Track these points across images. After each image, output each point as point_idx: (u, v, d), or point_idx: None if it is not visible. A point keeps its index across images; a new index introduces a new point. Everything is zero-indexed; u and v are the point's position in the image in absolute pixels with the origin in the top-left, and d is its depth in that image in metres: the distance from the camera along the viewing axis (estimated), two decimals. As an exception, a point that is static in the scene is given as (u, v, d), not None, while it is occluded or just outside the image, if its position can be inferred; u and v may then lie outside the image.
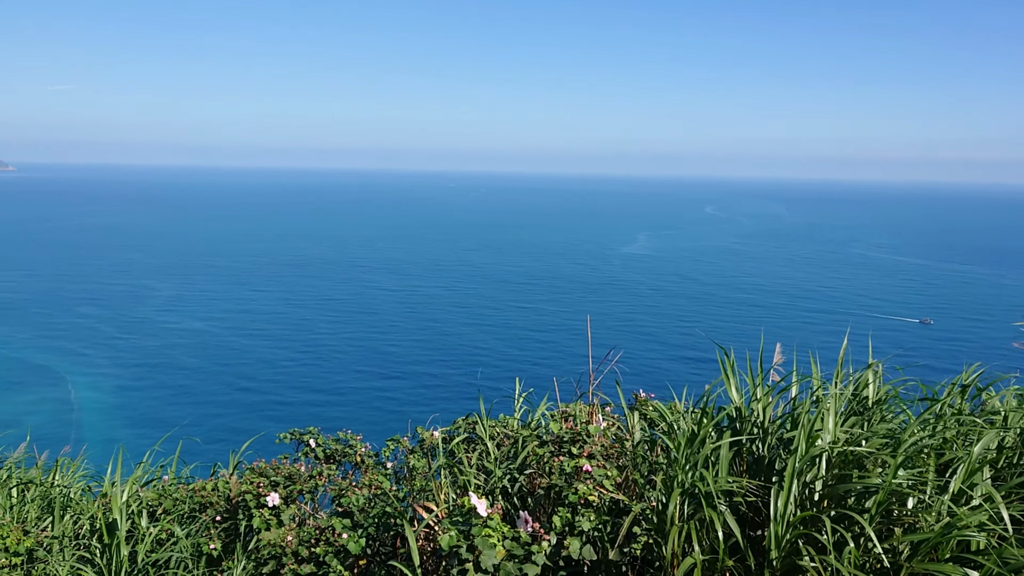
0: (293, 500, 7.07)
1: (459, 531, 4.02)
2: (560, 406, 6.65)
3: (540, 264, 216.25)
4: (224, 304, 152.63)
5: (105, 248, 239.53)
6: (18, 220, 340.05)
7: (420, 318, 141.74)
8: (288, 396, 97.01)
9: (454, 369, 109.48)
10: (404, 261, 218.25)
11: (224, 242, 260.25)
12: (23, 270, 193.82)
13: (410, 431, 8.45)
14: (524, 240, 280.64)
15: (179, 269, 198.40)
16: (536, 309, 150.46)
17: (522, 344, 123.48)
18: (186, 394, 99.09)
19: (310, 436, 8.53)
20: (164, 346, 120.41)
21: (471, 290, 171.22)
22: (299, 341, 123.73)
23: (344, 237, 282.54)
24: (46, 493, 7.66)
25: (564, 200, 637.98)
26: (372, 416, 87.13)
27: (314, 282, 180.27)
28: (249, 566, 6.24)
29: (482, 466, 6.25)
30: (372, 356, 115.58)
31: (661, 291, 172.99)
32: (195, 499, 7.01)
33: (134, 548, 6.22)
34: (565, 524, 4.36)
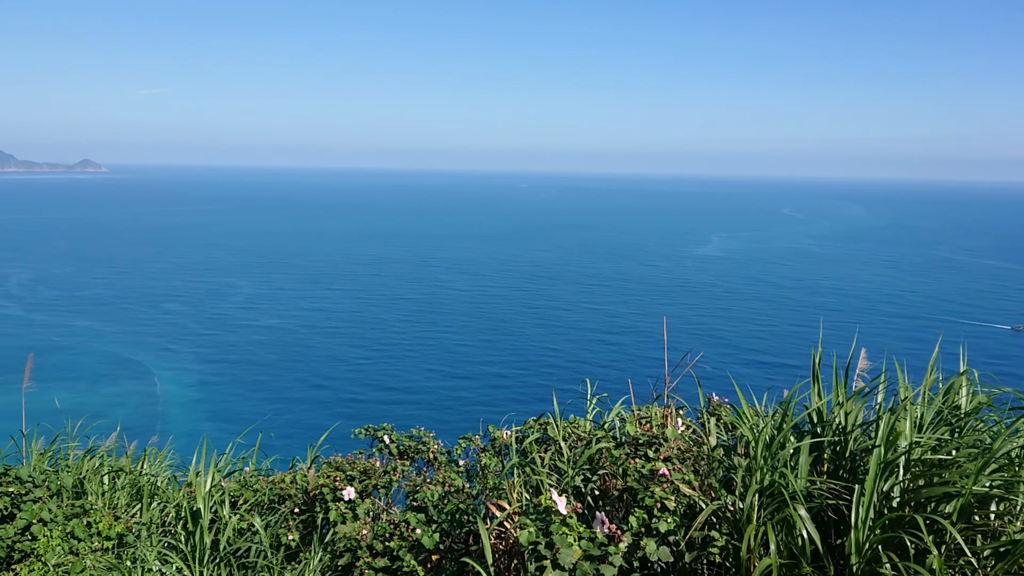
0: (368, 494, 7.18)
1: (538, 528, 4.02)
2: (634, 408, 6.58)
3: (611, 265, 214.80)
4: (300, 302, 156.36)
5: (190, 246, 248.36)
6: (110, 219, 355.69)
7: (489, 318, 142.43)
8: (360, 393, 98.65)
9: (522, 370, 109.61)
10: (475, 261, 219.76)
11: (301, 241, 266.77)
12: (114, 267, 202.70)
13: (481, 430, 8.49)
14: (595, 241, 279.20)
15: (259, 267, 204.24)
16: (606, 311, 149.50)
17: (591, 346, 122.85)
18: (263, 389, 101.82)
19: (384, 432, 8.65)
20: (243, 342, 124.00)
21: (540, 291, 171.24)
22: (371, 339, 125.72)
23: (416, 237, 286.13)
24: (135, 481, 7.95)
25: (636, 200, 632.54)
26: (441, 415, 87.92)
27: (386, 281, 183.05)
28: (325, 558, 6.36)
29: (555, 466, 6.24)
30: (442, 355, 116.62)
31: (735, 294, 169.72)
32: (274, 491, 7.19)
33: (216, 536, 6.41)
34: (641, 525, 4.32)
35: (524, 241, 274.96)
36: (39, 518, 5.93)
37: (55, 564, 5.42)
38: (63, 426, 8.24)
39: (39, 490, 6.36)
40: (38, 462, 7.62)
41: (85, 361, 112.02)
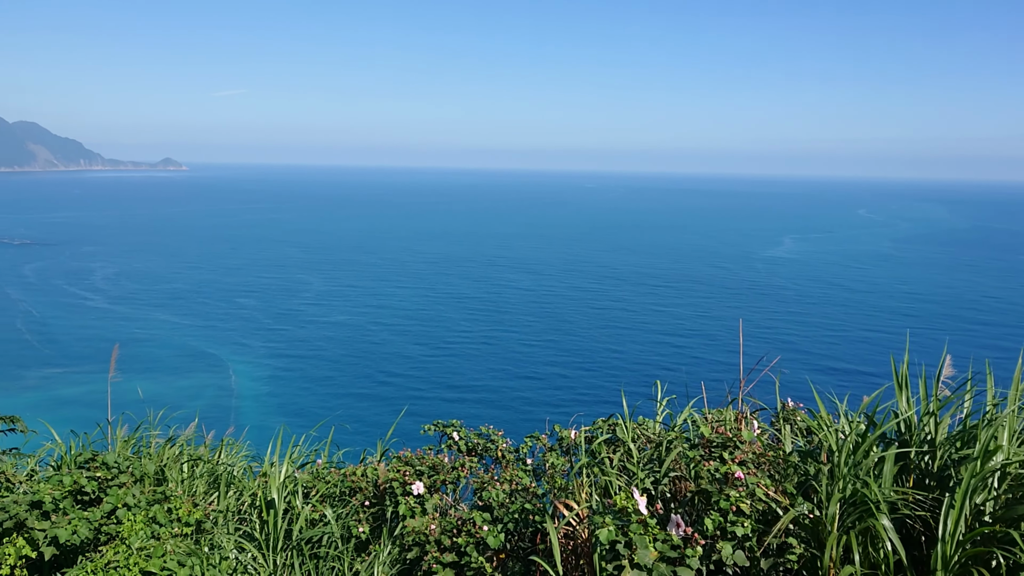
0: (436, 490, 7.24)
1: (617, 527, 3.99)
2: (704, 411, 6.48)
3: (678, 266, 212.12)
4: (368, 298, 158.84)
5: (264, 243, 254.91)
6: (189, 216, 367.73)
7: (554, 318, 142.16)
8: (424, 391, 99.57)
9: (585, 371, 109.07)
10: (541, 261, 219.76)
11: (372, 238, 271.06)
12: (191, 262, 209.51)
13: (548, 429, 8.47)
14: (662, 242, 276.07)
15: (330, 264, 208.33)
16: (672, 313, 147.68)
17: (656, 348, 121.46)
18: (330, 385, 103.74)
19: (453, 429, 8.71)
20: (313, 337, 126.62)
21: (606, 292, 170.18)
22: (436, 337, 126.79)
23: (483, 235, 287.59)
24: (212, 470, 8.18)
25: (705, 200, 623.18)
26: (503, 415, 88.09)
27: (453, 279, 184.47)
28: (394, 551, 6.44)
29: (624, 467, 6.19)
30: (506, 355, 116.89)
31: (807, 297, 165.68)
32: (345, 483, 7.31)
33: (289, 526, 6.56)
34: (717, 528, 4.25)
35: (590, 241, 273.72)
36: (124, 503, 6.15)
37: (138, 547, 5.61)
38: (145, 415, 8.53)
39: (124, 476, 6.60)
40: (122, 449, 7.90)
41: (164, 353, 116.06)
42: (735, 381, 6.55)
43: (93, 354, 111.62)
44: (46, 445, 7.89)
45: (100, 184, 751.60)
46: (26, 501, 5.79)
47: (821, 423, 5.06)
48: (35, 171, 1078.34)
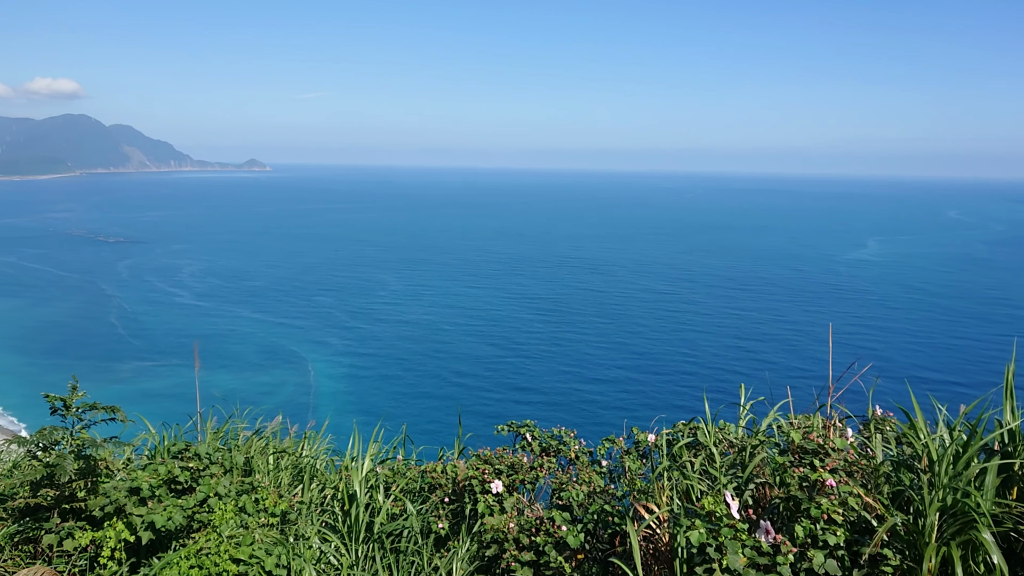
0: (514, 489, 7.27)
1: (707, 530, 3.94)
2: (791, 416, 6.33)
3: (756, 269, 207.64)
4: (443, 298, 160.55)
5: (343, 242, 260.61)
6: (272, 216, 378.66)
7: (626, 321, 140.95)
8: (494, 392, 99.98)
9: (656, 375, 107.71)
10: (613, 262, 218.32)
11: (447, 238, 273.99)
12: (274, 260, 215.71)
13: (625, 432, 8.41)
14: (741, 243, 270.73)
15: (405, 263, 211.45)
16: (749, 317, 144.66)
17: (731, 352, 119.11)
18: (405, 382, 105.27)
19: (527, 430, 8.73)
20: (388, 335, 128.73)
21: (680, 294, 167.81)
22: (507, 338, 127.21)
23: (555, 236, 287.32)
24: (296, 463, 8.41)
25: (786, 201, 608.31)
26: (572, 417, 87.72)
27: (526, 280, 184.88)
28: (472, 547, 6.50)
29: (705, 471, 6.10)
30: (576, 357, 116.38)
31: (891, 302, 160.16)
32: (425, 479, 7.42)
33: (371, 519, 6.69)
34: (807, 536, 4.15)
35: (666, 242, 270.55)
36: (215, 492, 6.38)
37: (228, 535, 5.81)
38: (228, 408, 8.80)
39: (215, 467, 6.84)
40: (212, 440, 8.18)
41: (246, 349, 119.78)
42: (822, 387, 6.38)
43: (180, 348, 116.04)
44: (141, 435, 8.22)
45: (189, 184, 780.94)
46: (125, 487, 6.06)
47: (917, 431, 4.88)
48: (129, 172, 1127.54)
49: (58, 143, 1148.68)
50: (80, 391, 6.25)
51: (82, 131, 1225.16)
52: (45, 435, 6.05)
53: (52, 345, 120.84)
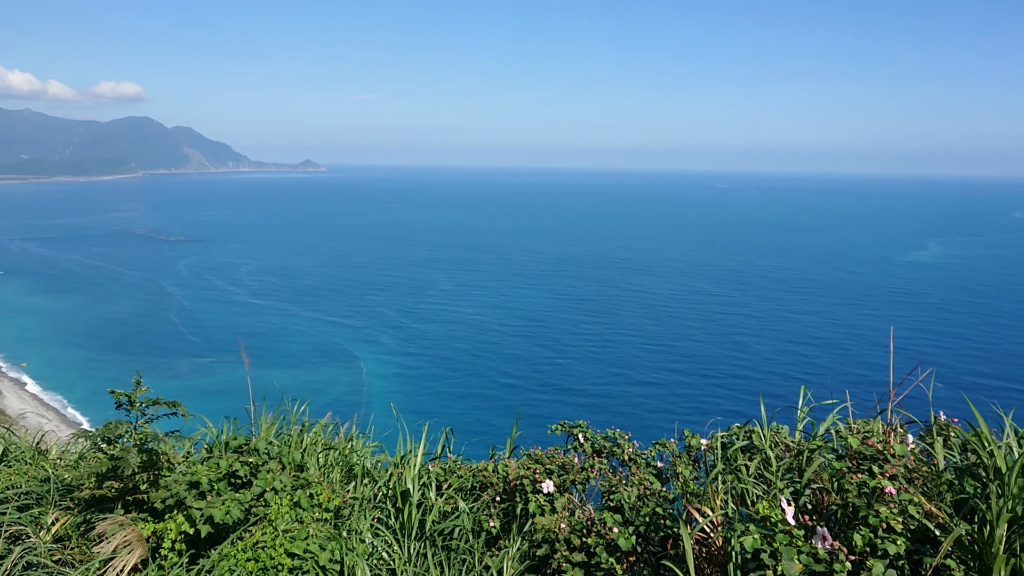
0: (565, 489, 7.26)
1: (761, 535, 3.88)
2: (850, 421, 6.19)
3: (810, 270, 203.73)
4: (491, 298, 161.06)
5: (395, 241, 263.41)
6: (326, 215, 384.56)
7: (676, 323, 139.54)
8: (542, 394, 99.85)
9: (705, 378, 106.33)
10: (664, 263, 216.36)
11: (499, 238, 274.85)
12: (328, 259, 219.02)
13: (676, 434, 8.33)
14: (795, 244, 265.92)
15: (455, 263, 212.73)
16: (802, 320, 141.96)
17: (784, 357, 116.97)
18: (455, 381, 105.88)
19: (579, 430, 8.70)
20: (438, 335, 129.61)
21: (732, 296, 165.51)
22: (555, 340, 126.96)
23: (606, 236, 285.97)
24: (348, 460, 8.51)
25: (843, 201, 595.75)
26: (620, 421, 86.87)
27: (573, 281, 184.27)
28: (523, 547, 6.50)
29: (760, 475, 6.00)
30: (626, 359, 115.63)
31: (952, 305, 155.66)
32: (477, 478, 7.45)
33: (423, 516, 6.75)
34: (866, 544, 4.05)
35: (717, 243, 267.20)
36: (272, 487, 6.50)
37: (284, 529, 5.92)
38: (284, 404, 8.94)
39: (273, 462, 6.97)
40: (267, 436, 8.34)
41: (300, 346, 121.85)
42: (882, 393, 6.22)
43: (236, 345, 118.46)
44: (201, 429, 8.41)
45: (246, 185, 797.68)
46: (185, 481, 6.21)
47: (983, 439, 4.73)
48: (189, 172, 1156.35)
49: (122, 145, 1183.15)
50: (143, 386, 6.43)
51: (145, 133, 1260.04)
52: (110, 429, 6.23)
53: (114, 341, 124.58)
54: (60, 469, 7.47)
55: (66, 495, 6.36)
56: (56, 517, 5.81)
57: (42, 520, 5.71)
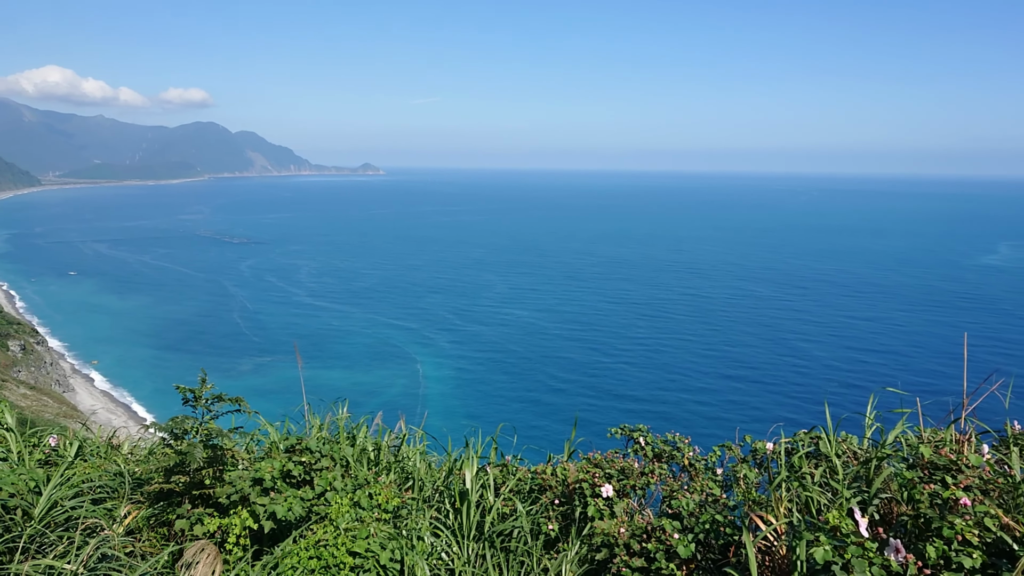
0: (625, 494, 7.20)
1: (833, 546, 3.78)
2: (919, 429, 6.01)
3: (874, 274, 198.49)
4: (547, 300, 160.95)
5: (455, 244, 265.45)
6: (385, 218, 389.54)
7: (733, 327, 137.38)
8: (596, 398, 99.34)
9: (761, 385, 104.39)
10: (720, 266, 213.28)
11: (555, 241, 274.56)
12: (385, 261, 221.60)
13: (737, 439, 8.19)
14: (860, 246, 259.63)
15: (511, 265, 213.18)
16: (865, 325, 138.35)
17: (848, 363, 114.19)
18: (510, 381, 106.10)
19: (640, 434, 8.61)
20: (494, 337, 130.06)
21: (791, 301, 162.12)
22: (609, 344, 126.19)
23: (661, 239, 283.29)
24: (405, 460, 8.59)
25: (909, 203, 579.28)
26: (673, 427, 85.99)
27: (630, 284, 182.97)
28: (582, 550, 6.47)
29: (826, 484, 5.86)
30: (682, 364, 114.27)
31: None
32: (535, 480, 7.44)
33: (482, 517, 6.77)
34: (940, 557, 3.91)
35: (782, 246, 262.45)
36: (331, 486, 6.59)
37: (345, 528, 5.99)
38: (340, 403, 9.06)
39: (325, 460, 7.06)
40: (318, 435, 8.46)
41: (357, 346, 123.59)
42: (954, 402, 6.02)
43: (298, 345, 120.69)
44: (262, 425, 8.58)
45: (307, 188, 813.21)
46: (249, 477, 6.33)
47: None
48: (252, 176, 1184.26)
49: (188, 149, 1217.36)
50: (208, 383, 6.57)
51: (210, 138, 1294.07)
52: (177, 423, 6.39)
53: (179, 340, 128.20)
54: (131, 464, 7.70)
55: (137, 489, 6.55)
56: (128, 510, 5.99)
57: (115, 513, 5.89)
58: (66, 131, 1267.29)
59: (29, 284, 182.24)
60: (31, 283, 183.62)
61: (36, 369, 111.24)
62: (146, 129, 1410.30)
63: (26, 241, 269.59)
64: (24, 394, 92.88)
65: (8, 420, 7.27)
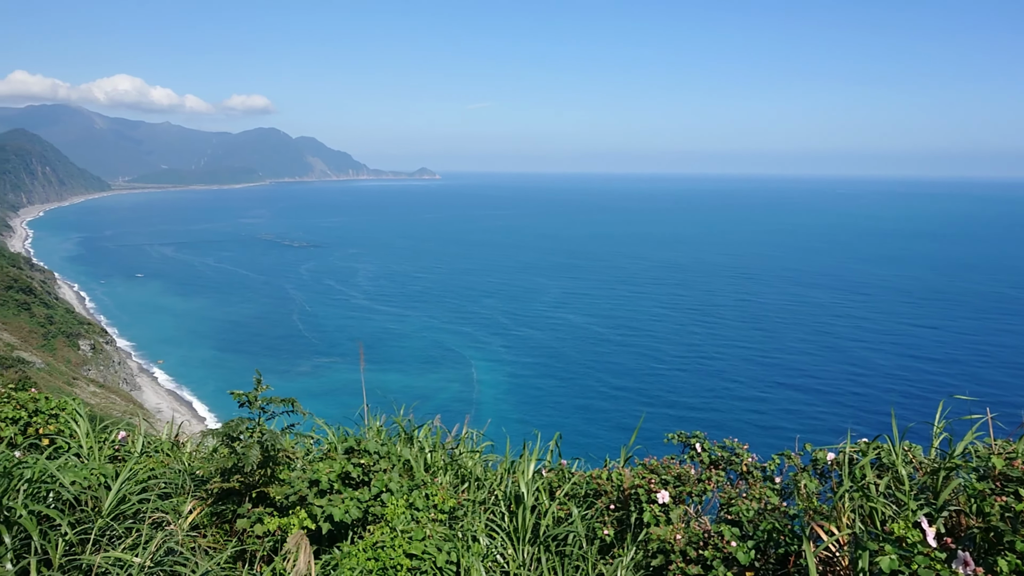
0: (681, 500, 7.12)
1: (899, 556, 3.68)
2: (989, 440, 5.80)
3: (938, 280, 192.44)
4: (599, 305, 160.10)
5: (508, 247, 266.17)
6: (440, 221, 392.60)
7: (790, 334, 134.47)
8: (649, 405, 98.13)
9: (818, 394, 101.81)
10: (778, 271, 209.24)
11: (609, 245, 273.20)
12: (441, 264, 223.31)
13: (798, 447, 8.03)
14: (924, 251, 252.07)
15: (565, 269, 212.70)
16: (928, 333, 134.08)
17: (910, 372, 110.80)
18: (564, 385, 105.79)
19: (696, 440, 8.52)
20: (549, 340, 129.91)
21: (851, 307, 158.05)
22: (663, 350, 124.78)
23: (717, 242, 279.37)
24: (460, 461, 8.62)
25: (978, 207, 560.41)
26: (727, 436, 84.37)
27: (683, 288, 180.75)
28: (637, 556, 6.42)
29: (891, 494, 5.70)
30: (736, 371, 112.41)
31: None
32: (591, 485, 7.41)
33: (537, 521, 6.77)
34: (1012, 571, 3.77)
35: (842, 250, 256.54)
36: (387, 487, 6.67)
37: (401, 530, 6.05)
38: (396, 406, 9.15)
39: (384, 461, 7.14)
40: (376, 437, 8.55)
41: (412, 349, 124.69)
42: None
43: (353, 347, 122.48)
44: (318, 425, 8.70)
45: (365, 192, 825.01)
46: (306, 479, 6.45)
47: None
48: (312, 180, 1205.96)
49: (251, 155, 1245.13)
50: (264, 385, 6.70)
51: (272, 143, 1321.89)
52: (232, 426, 6.53)
53: (240, 341, 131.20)
54: (195, 461, 7.91)
55: (199, 486, 6.72)
56: (192, 507, 6.15)
57: (179, 509, 6.06)
58: (135, 137, 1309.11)
59: (99, 285, 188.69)
60: (100, 284, 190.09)
61: (105, 368, 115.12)
62: (210, 135, 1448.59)
63: (96, 244, 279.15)
64: (94, 392, 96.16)
65: (79, 418, 7.54)
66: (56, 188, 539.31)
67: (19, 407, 7.76)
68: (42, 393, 8.21)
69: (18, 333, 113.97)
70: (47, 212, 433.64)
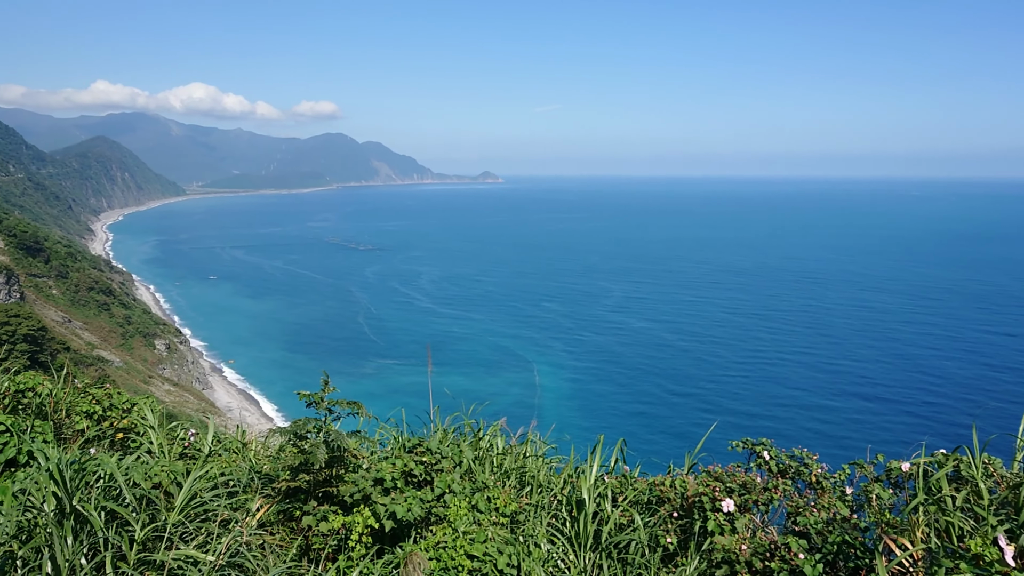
0: (747, 509, 6.97)
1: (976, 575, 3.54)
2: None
3: (1019, 284, 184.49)
4: (662, 308, 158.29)
5: (571, 251, 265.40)
6: (503, 224, 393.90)
7: (856, 340, 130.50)
8: (711, 412, 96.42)
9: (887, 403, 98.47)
10: (851, 274, 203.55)
11: (673, 248, 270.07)
12: (504, 267, 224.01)
13: (869, 457, 7.78)
14: (994, 256, 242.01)
15: (629, 272, 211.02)
16: (1016, 338, 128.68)
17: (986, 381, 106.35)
18: (624, 394, 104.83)
19: (763, 448, 8.32)
20: (611, 343, 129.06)
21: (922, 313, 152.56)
22: (724, 357, 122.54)
23: (785, 246, 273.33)
24: (522, 465, 8.60)
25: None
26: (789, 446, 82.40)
27: (748, 294, 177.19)
28: (701, 566, 6.30)
29: (969, 509, 5.47)
30: (800, 379, 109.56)
31: None
32: (654, 492, 7.31)
33: (599, 527, 6.71)
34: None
35: (913, 253, 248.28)
36: (449, 488, 6.70)
37: (463, 531, 6.07)
38: (459, 408, 9.18)
39: (446, 461, 7.17)
40: (442, 438, 8.59)
41: (477, 351, 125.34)
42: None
43: (417, 349, 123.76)
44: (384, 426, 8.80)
45: (429, 196, 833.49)
46: (371, 478, 6.53)
47: None
48: (377, 184, 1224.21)
49: (318, 159, 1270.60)
50: (331, 386, 6.80)
51: (339, 148, 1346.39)
52: (299, 426, 6.66)
53: (308, 342, 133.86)
54: (263, 460, 8.08)
55: (267, 484, 6.86)
56: (260, 505, 6.28)
57: (248, 507, 6.19)
58: (208, 143, 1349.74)
59: (174, 287, 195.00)
60: (175, 286, 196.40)
61: (179, 367, 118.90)
62: (280, 141, 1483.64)
63: (172, 247, 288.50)
64: (168, 390, 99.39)
65: (150, 417, 7.76)
66: (134, 193, 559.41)
67: (95, 402, 8.06)
68: (115, 388, 8.52)
69: (98, 332, 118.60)
70: (126, 216, 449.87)
